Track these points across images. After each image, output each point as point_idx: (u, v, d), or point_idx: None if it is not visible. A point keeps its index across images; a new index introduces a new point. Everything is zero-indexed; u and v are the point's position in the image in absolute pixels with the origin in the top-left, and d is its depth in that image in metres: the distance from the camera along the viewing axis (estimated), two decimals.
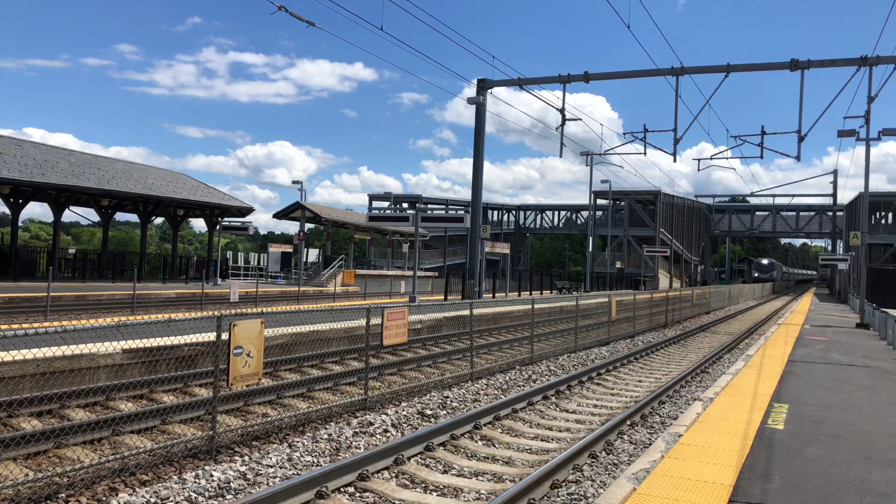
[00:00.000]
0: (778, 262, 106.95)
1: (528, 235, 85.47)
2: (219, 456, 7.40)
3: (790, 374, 11.63)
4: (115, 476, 6.54)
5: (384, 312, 10.55)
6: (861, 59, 22.51)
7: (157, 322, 7.89)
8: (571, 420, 10.37)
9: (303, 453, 7.58)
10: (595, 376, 14.01)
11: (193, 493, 6.20)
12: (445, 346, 16.90)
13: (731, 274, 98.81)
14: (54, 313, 19.05)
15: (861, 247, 25.88)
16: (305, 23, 14.61)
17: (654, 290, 47.55)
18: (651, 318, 26.54)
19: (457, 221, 34.88)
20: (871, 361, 14.11)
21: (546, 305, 25.04)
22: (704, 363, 16.48)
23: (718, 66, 24.56)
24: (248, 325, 7.75)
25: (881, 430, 7.62)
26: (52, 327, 6.88)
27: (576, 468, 7.55)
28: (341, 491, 6.55)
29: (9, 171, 27.75)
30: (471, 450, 8.31)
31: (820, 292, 77.81)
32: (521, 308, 23.54)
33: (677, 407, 11.28)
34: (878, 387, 10.77)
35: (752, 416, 7.97)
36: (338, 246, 72.91)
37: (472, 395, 11.45)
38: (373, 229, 49.97)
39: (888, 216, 60.19)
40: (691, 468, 5.87)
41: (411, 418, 9.52)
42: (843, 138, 25.61)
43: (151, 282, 33.89)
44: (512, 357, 15.26)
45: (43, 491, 6.04)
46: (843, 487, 5.42)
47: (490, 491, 6.81)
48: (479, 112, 26.27)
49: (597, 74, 25.64)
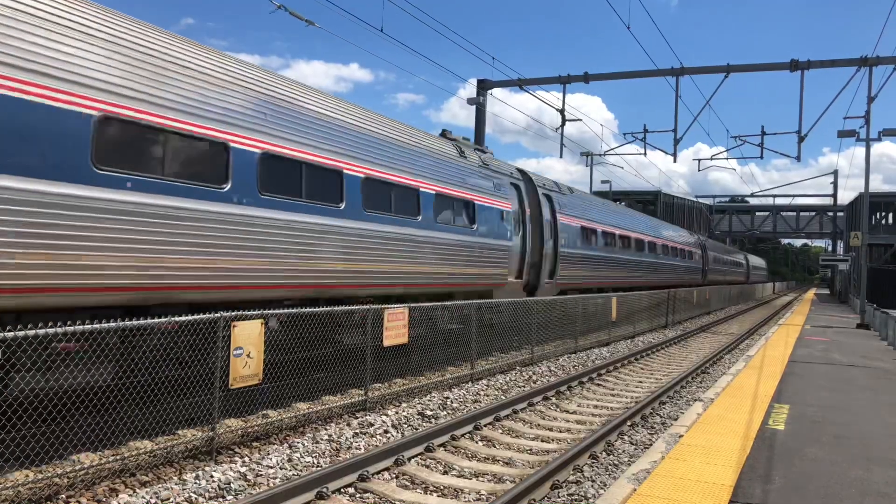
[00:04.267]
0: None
1: None
2: (219, 456, 7.39)
3: (791, 374, 11.63)
4: (116, 476, 6.54)
5: (384, 313, 10.55)
6: (861, 59, 22.49)
7: (156, 322, 7.88)
8: (572, 420, 10.37)
9: (303, 454, 7.59)
10: (595, 377, 14.00)
11: (193, 494, 6.20)
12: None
13: None
14: None
15: (861, 247, 25.88)
16: (305, 22, 14.59)
17: (654, 290, 47.37)
18: (652, 319, 26.53)
19: None
20: (872, 362, 14.11)
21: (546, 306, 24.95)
22: (705, 364, 16.47)
23: (718, 66, 24.54)
24: (248, 326, 7.75)
25: (882, 430, 7.61)
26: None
27: (576, 469, 7.55)
28: (341, 492, 6.55)
29: None
30: (471, 450, 8.30)
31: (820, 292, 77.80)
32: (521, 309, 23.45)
33: (678, 407, 11.28)
34: (879, 387, 10.77)
35: (752, 417, 7.96)
36: None
37: (472, 395, 11.45)
38: None
39: (888, 216, 60.17)
40: (692, 469, 5.87)
41: (412, 419, 9.52)
42: (841, 139, 25.60)
43: None
44: (512, 358, 15.24)
45: (43, 492, 6.03)
46: (844, 488, 5.42)
47: (490, 491, 6.81)
48: (480, 112, 26.28)
49: (597, 75, 25.64)
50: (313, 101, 10.47)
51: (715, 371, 15.96)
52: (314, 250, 9.71)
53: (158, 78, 7.65)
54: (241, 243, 8.48)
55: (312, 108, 10.25)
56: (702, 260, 42.22)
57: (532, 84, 25.60)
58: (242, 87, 8.92)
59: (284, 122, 9.44)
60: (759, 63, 25.28)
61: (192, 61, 8.28)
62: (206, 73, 8.42)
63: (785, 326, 23.80)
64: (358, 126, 11.22)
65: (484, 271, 14.94)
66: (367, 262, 10.92)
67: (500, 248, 15.64)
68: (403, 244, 11.81)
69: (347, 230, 10.41)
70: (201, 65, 8.42)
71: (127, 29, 7.59)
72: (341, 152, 10.49)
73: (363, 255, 10.79)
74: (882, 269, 45.65)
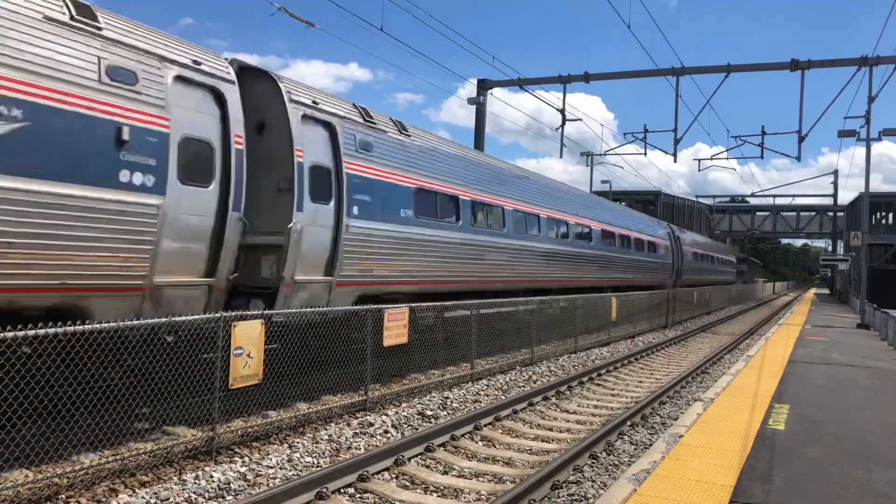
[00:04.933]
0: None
1: None
2: (219, 457, 7.39)
3: (791, 374, 11.62)
4: (116, 477, 6.54)
5: (384, 313, 10.54)
6: (861, 59, 22.48)
7: (156, 322, 7.88)
8: (572, 421, 10.37)
9: (303, 454, 7.58)
10: (595, 377, 14.00)
11: (193, 494, 6.20)
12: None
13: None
14: None
15: (862, 247, 25.88)
16: (305, 24, 14.59)
17: (654, 291, 47.35)
18: (651, 319, 26.52)
19: None
20: (872, 362, 14.11)
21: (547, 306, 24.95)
22: (705, 364, 16.46)
23: (718, 66, 24.54)
24: (248, 326, 7.75)
25: (882, 430, 7.61)
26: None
27: (576, 469, 7.54)
28: (341, 492, 6.55)
29: None
30: (471, 450, 8.30)
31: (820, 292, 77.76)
32: (524, 309, 23.45)
33: (678, 408, 11.28)
34: (879, 387, 10.77)
35: (752, 417, 7.96)
36: None
37: (472, 395, 11.44)
38: None
39: (888, 216, 60.15)
40: (692, 469, 5.87)
41: (411, 419, 9.52)
42: (841, 138, 25.61)
43: None
44: (513, 358, 15.24)
45: (43, 492, 6.03)
46: (844, 488, 5.42)
47: (490, 492, 6.81)
48: (480, 113, 26.27)
49: (597, 75, 25.63)
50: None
51: (715, 371, 15.95)
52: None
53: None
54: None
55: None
56: (673, 256, 33.76)
57: (532, 84, 25.60)
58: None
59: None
60: (760, 63, 25.28)
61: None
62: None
63: (785, 326, 23.80)
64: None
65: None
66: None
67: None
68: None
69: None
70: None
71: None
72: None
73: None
74: (882, 269, 45.66)
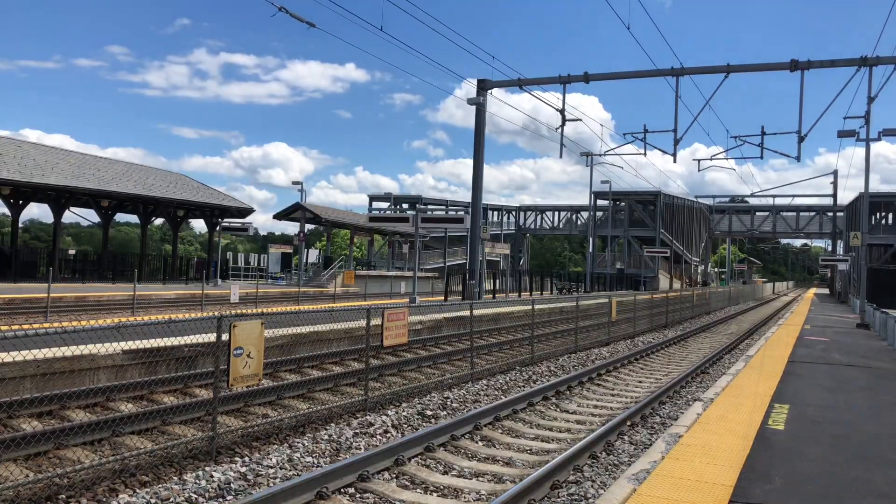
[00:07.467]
0: None
1: (527, 236, 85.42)
2: (219, 457, 7.39)
3: (790, 374, 11.62)
4: (116, 477, 6.53)
5: (384, 313, 10.55)
6: (861, 59, 22.50)
7: (157, 323, 7.89)
8: (572, 420, 10.37)
9: (303, 454, 7.58)
10: (595, 377, 14.00)
11: (194, 494, 6.19)
12: (446, 347, 16.88)
13: (732, 274, 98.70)
14: (54, 314, 19.04)
15: (861, 247, 25.88)
16: (306, 24, 14.60)
17: (654, 291, 47.55)
18: (651, 319, 26.54)
19: (457, 222, 34.91)
20: (872, 362, 14.11)
21: (546, 306, 25.04)
22: (705, 364, 16.47)
23: (718, 66, 24.56)
24: (248, 326, 7.75)
25: (882, 430, 7.61)
26: (52, 328, 6.89)
27: (576, 469, 7.55)
28: (342, 492, 6.55)
29: (8, 172, 27.76)
30: (471, 450, 8.30)
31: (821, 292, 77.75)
32: (521, 308, 23.53)
33: (677, 407, 11.28)
34: (879, 387, 10.77)
35: (752, 417, 7.96)
36: (337, 247, 72.93)
37: (472, 395, 11.44)
38: (373, 230, 49.93)
39: (888, 216, 60.17)
40: (691, 469, 5.86)
41: (412, 419, 9.52)
42: (840, 139, 25.60)
43: (151, 283, 33.87)
44: (512, 358, 15.26)
45: (43, 492, 6.03)
46: (844, 488, 5.42)
47: (490, 492, 6.81)
48: (480, 113, 26.27)
49: (597, 75, 25.64)
50: None
51: (715, 371, 15.96)
52: None
53: None
54: None
55: None
56: None
57: (532, 84, 25.62)
58: None
59: None
60: (759, 63, 25.29)
61: None
62: None
63: (785, 326, 23.80)
64: None
65: None
66: None
67: None
68: None
69: None
70: None
71: None
72: None
73: None
74: (882, 269, 45.66)
